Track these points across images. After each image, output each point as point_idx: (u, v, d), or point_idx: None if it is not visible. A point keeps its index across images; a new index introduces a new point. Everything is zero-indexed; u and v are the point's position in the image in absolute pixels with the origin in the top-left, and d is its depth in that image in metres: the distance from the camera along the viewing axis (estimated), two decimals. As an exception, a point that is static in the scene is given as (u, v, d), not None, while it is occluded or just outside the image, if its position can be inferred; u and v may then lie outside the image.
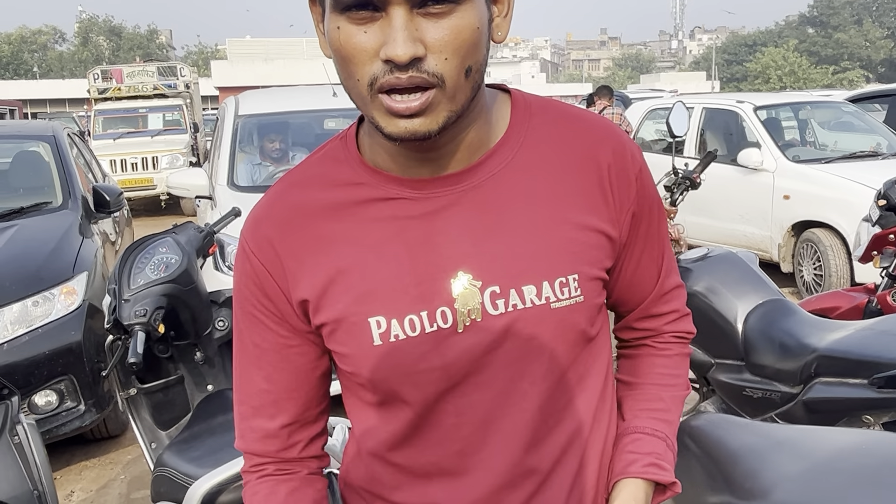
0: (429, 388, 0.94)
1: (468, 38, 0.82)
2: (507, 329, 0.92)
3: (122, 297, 2.34)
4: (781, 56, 59.36)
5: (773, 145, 6.85)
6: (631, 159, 0.99)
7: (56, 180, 4.78)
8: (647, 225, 1.02)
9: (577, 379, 0.99)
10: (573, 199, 0.95)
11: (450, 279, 0.91)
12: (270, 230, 0.96)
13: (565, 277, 0.93)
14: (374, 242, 0.93)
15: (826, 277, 6.04)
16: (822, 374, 2.44)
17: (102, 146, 12.89)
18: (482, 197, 0.93)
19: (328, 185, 0.95)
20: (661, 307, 1.10)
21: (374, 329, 0.92)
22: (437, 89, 0.82)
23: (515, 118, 0.97)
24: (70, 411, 3.65)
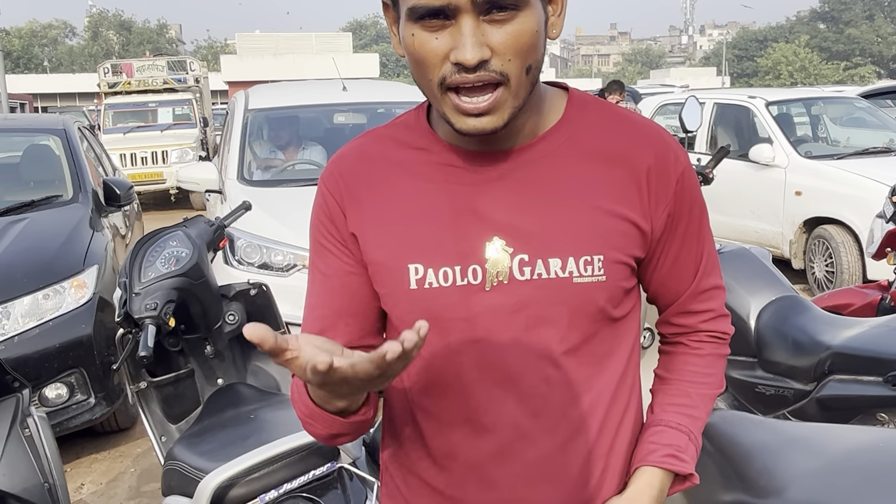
0: (453, 336, 1.03)
1: (528, 41, 0.93)
2: (530, 294, 1.00)
3: (133, 290, 2.33)
4: (792, 52, 58.99)
5: (784, 141, 6.81)
6: (674, 162, 1.05)
7: (67, 174, 4.79)
8: (686, 225, 1.08)
9: (598, 356, 1.05)
10: (609, 189, 1.03)
11: (485, 242, 1.01)
12: (343, 167, 1.09)
13: (590, 256, 1.01)
14: (425, 199, 1.04)
15: (838, 274, 6.00)
16: (835, 371, 2.42)
17: (112, 140, 12.91)
18: (525, 175, 1.02)
19: (397, 145, 1.08)
20: (698, 305, 1.14)
21: (411, 274, 1.03)
22: (503, 87, 0.93)
23: (569, 112, 1.06)
24: (80, 404, 3.66)
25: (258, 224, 3.97)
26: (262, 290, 2.66)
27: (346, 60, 25.78)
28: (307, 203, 3.99)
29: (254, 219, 3.56)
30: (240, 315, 2.61)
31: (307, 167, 5.15)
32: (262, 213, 4.08)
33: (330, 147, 5.37)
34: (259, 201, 4.26)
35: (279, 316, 2.71)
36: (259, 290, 2.65)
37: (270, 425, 2.02)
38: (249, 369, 2.69)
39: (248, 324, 0.76)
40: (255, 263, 3.98)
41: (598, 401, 1.07)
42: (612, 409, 1.09)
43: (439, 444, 1.08)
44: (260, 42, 31.47)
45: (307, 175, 4.95)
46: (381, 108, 5.73)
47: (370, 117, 5.68)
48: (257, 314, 2.67)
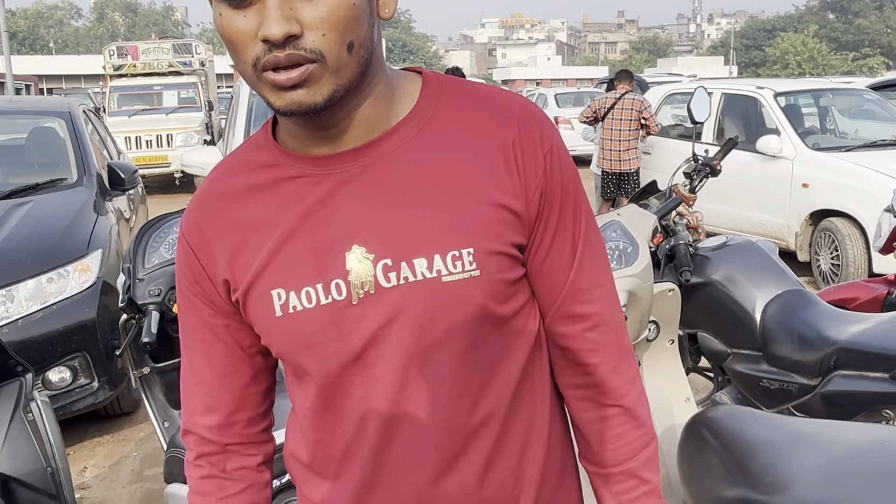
0: (330, 360, 0.96)
1: (345, 15, 0.85)
2: (400, 302, 0.93)
3: (137, 276, 2.33)
4: (801, 42, 58.68)
5: (792, 132, 6.77)
6: (539, 137, 0.96)
7: (71, 157, 4.78)
8: (559, 209, 0.98)
9: (490, 360, 0.98)
10: (475, 175, 0.94)
11: (344, 252, 0.93)
12: (198, 215, 1.02)
13: (458, 251, 0.92)
14: (278, 219, 0.96)
15: (843, 267, 5.98)
16: (841, 366, 2.41)
17: (117, 123, 12.90)
18: (379, 173, 0.94)
19: (248, 170, 1.00)
20: (578, 307, 1.02)
21: (275, 301, 0.96)
22: (317, 64, 0.85)
23: (423, 98, 0.98)
24: (83, 388, 3.66)
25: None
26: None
27: (352, 45, 25.67)
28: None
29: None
30: (243, 302, 2.60)
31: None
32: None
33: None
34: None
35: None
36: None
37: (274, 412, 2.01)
38: (253, 356, 2.69)
39: None
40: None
41: (495, 410, 0.98)
42: (515, 416, 1.00)
43: (334, 473, 1.03)
44: (266, 26, 31.40)
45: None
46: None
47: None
48: (261, 301, 2.67)
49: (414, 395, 0.95)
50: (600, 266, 1.04)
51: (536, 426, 1.03)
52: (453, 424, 0.97)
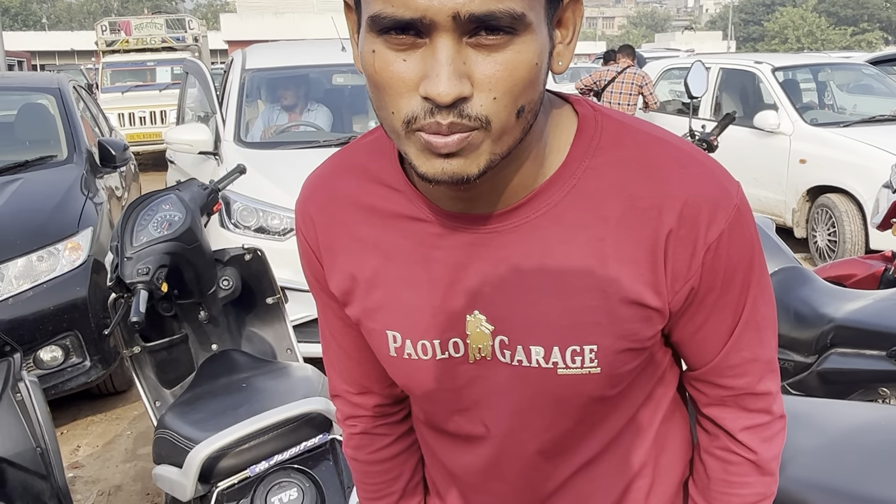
0: (439, 404, 0.95)
1: (524, 76, 0.71)
2: (512, 379, 0.89)
3: (125, 254, 2.29)
4: (800, 16, 58.32)
5: (790, 108, 6.72)
6: (706, 228, 0.82)
7: (61, 133, 4.73)
8: (717, 297, 0.87)
9: (586, 427, 0.94)
10: (613, 264, 0.83)
11: (466, 315, 0.88)
12: (314, 211, 0.96)
13: (580, 347, 0.85)
14: (400, 260, 0.90)
15: (840, 244, 5.96)
16: (838, 344, 2.40)
17: (111, 99, 12.79)
18: (511, 243, 0.85)
19: (368, 181, 0.91)
20: (723, 380, 0.93)
21: (390, 342, 0.93)
22: (479, 131, 0.72)
23: (575, 153, 0.84)
24: (75, 367, 3.64)
25: (255, 187, 3.92)
26: (257, 255, 2.62)
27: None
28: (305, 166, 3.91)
29: (250, 181, 3.50)
30: (234, 280, 2.57)
31: (305, 129, 5.08)
32: (259, 176, 4.02)
33: (330, 107, 5.29)
34: (256, 164, 4.19)
35: (274, 281, 2.67)
36: (254, 254, 2.61)
37: (263, 394, 1.99)
38: (244, 335, 2.66)
39: None
40: (251, 227, 3.93)
41: (594, 460, 0.96)
42: (613, 461, 0.97)
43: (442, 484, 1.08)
44: (260, 1, 31.05)
45: (305, 137, 4.88)
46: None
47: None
48: (252, 279, 2.63)
49: (511, 458, 0.95)
50: (762, 339, 0.93)
51: (638, 471, 0.98)
52: (549, 478, 0.97)
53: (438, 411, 0.96)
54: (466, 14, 0.67)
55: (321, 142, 4.71)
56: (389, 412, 1.09)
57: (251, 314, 2.68)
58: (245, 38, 23.36)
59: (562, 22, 0.78)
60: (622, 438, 0.96)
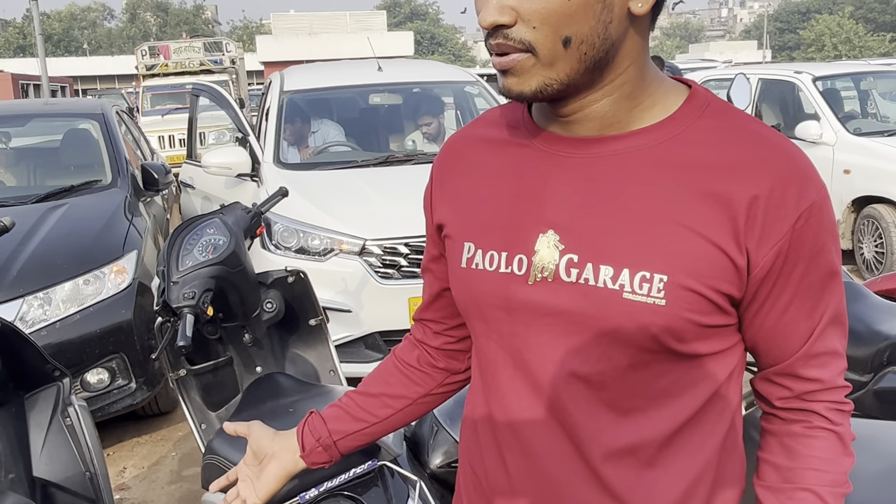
0: (493, 325, 0.98)
1: (557, 9, 0.83)
2: (573, 300, 0.90)
3: (171, 279, 2.31)
4: (836, 23, 57.50)
5: (832, 117, 6.60)
6: (797, 196, 0.87)
7: (105, 158, 4.82)
8: (803, 273, 0.89)
9: (653, 389, 0.92)
10: (702, 209, 0.87)
11: (538, 233, 0.93)
12: (443, 155, 1.10)
13: (650, 273, 0.87)
14: (496, 178, 1.00)
15: (888, 255, 5.82)
16: (894, 362, 2.33)
17: (151, 122, 13.05)
18: (601, 170, 0.92)
19: (498, 124, 1.04)
20: (808, 371, 0.94)
21: (464, 252, 1.00)
22: (527, 55, 0.85)
23: (680, 113, 0.92)
24: (121, 389, 3.68)
25: (295, 208, 3.94)
26: (300, 277, 2.63)
27: (380, 39, 25.64)
28: (344, 186, 3.95)
29: (291, 203, 3.52)
30: (277, 303, 2.58)
31: (342, 150, 5.11)
32: (299, 197, 4.05)
33: (367, 129, 5.32)
34: (296, 185, 4.23)
35: (317, 303, 2.68)
36: (297, 277, 2.62)
37: (310, 419, 1.99)
38: (288, 357, 2.67)
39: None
40: (292, 248, 3.96)
41: (646, 442, 0.93)
42: (669, 460, 0.94)
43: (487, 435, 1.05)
44: (295, 22, 31.50)
45: (343, 158, 4.91)
46: (417, 87, 5.66)
47: (406, 97, 5.61)
48: (295, 301, 2.64)
49: (561, 391, 0.93)
50: (843, 335, 0.96)
51: (696, 480, 0.96)
52: (594, 437, 0.93)
53: (491, 334, 0.99)
54: None
55: (359, 161, 4.74)
56: (450, 348, 1.21)
57: (294, 336, 2.68)
58: (281, 59, 23.68)
59: None
60: (686, 431, 0.94)
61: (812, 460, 0.95)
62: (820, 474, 0.94)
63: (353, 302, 3.82)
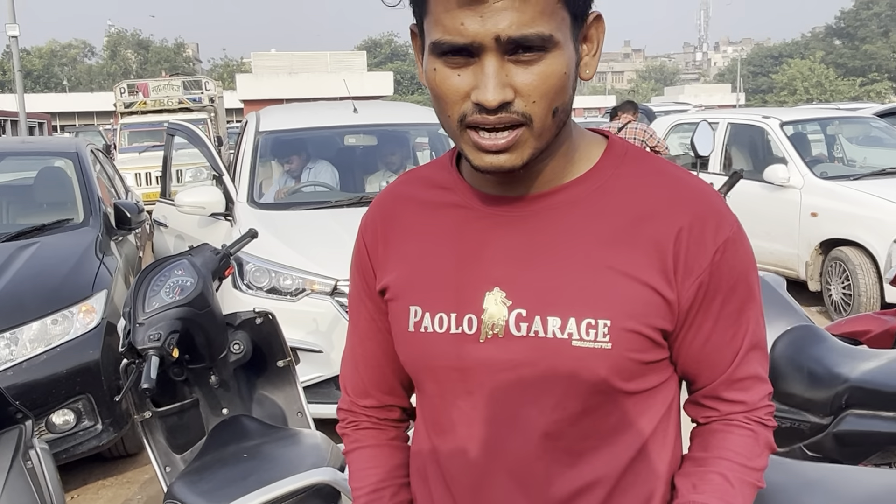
0: (446, 385, 1.00)
1: (556, 83, 0.88)
2: (525, 353, 0.94)
3: (137, 320, 2.32)
4: (808, 67, 58.82)
5: (800, 161, 6.74)
6: (714, 230, 0.95)
7: (78, 197, 4.80)
8: (722, 303, 0.97)
9: (604, 427, 0.97)
10: (632, 251, 0.94)
11: (485, 291, 0.96)
12: (377, 213, 1.10)
13: (594, 320, 0.92)
14: (436, 241, 1.02)
15: (855, 297, 5.91)
16: (853, 405, 2.36)
17: (128, 159, 13.02)
18: (538, 225, 0.97)
19: (427, 185, 1.07)
20: (731, 394, 1.01)
21: (411, 316, 1.02)
22: (525, 127, 0.89)
23: (602, 163, 0.99)
24: (87, 430, 3.63)
25: (267, 248, 3.95)
26: (268, 319, 2.64)
27: (360, 79, 25.87)
28: (317, 226, 3.97)
29: (263, 243, 3.53)
30: (245, 344, 2.58)
31: (317, 190, 5.13)
32: (272, 237, 4.06)
33: (341, 169, 5.36)
34: (269, 224, 4.24)
35: (285, 344, 2.68)
36: (265, 318, 2.63)
37: (271, 463, 1.99)
38: (255, 399, 2.66)
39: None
40: (263, 288, 3.95)
41: (603, 477, 0.97)
42: (628, 489, 0.98)
43: (439, 486, 1.05)
44: (275, 61, 31.68)
45: (317, 198, 4.93)
46: (393, 129, 5.72)
47: (381, 139, 5.67)
48: (263, 343, 2.64)
49: (517, 443, 0.97)
50: (764, 361, 1.03)
51: (654, 501, 1.01)
52: (553, 482, 0.97)
53: (445, 394, 1.01)
54: (506, 37, 0.85)
55: (333, 202, 4.76)
56: (386, 417, 1.18)
57: (262, 377, 2.68)
58: (260, 97, 23.77)
59: (587, 37, 0.94)
60: (636, 463, 0.98)
61: (725, 451, 1.01)
62: (731, 463, 1.00)
63: (324, 342, 3.81)
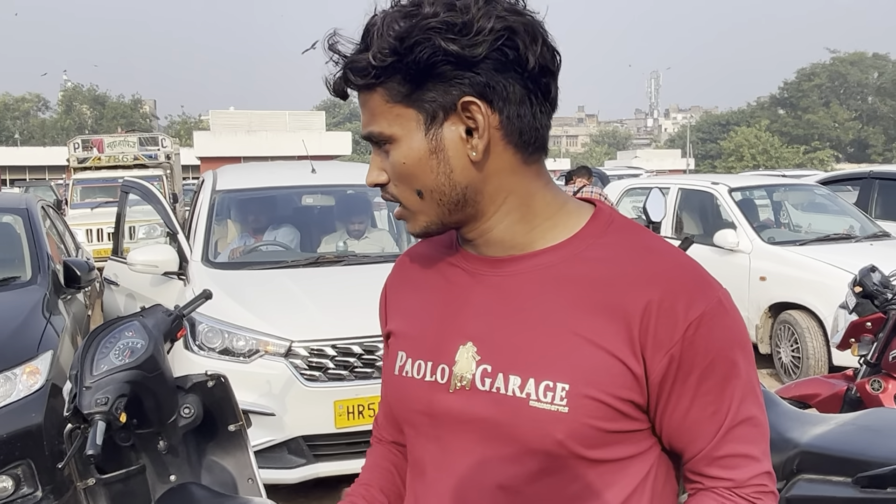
0: (420, 429, 1.07)
1: (404, 170, 1.00)
2: (486, 407, 0.98)
3: (84, 383, 2.25)
4: (754, 135, 60.87)
5: (748, 227, 6.92)
6: (686, 305, 0.94)
7: (26, 254, 4.69)
8: (699, 379, 0.95)
9: (568, 493, 0.97)
10: (599, 320, 0.96)
11: (459, 344, 1.03)
12: (397, 266, 1.22)
13: (553, 382, 0.95)
14: (430, 293, 1.11)
15: (804, 360, 6.03)
16: (804, 470, 2.39)
17: (79, 215, 12.82)
18: (514, 286, 1.02)
19: (438, 245, 1.15)
20: (713, 471, 0.99)
21: (397, 360, 1.11)
22: (401, 206, 1.04)
23: (586, 231, 1.04)
24: (26, 498, 3.47)
25: (221, 308, 3.89)
26: (221, 382, 2.58)
27: (319, 138, 26.04)
28: (272, 286, 3.93)
29: (217, 303, 3.49)
30: (196, 408, 2.52)
31: (273, 249, 5.10)
32: (226, 297, 4.00)
33: (299, 229, 5.34)
34: (223, 284, 4.19)
35: (237, 408, 2.62)
36: (217, 381, 2.58)
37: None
38: (204, 464, 2.59)
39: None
40: (216, 349, 3.88)
41: None
42: None
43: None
44: (233, 119, 31.76)
45: (273, 258, 4.90)
46: (351, 189, 5.74)
47: (339, 199, 5.69)
48: (214, 406, 2.59)
49: (475, 492, 1.01)
50: (756, 438, 0.99)
51: None
52: None
53: (419, 437, 1.08)
54: (366, 134, 1.02)
55: (289, 262, 4.74)
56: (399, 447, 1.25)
57: (212, 442, 2.61)
58: (218, 154, 23.76)
59: (464, 122, 0.97)
60: None
61: None
62: None
63: (277, 405, 3.74)
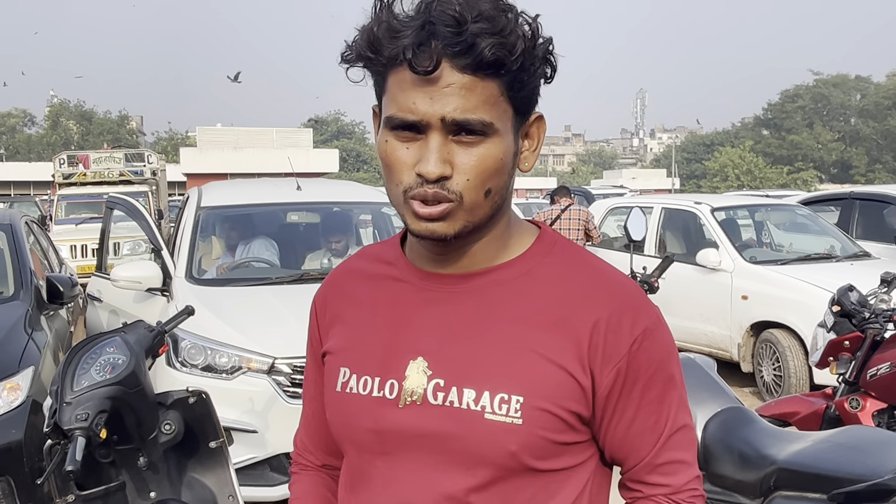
0: (363, 447, 1.05)
1: (491, 166, 0.97)
2: (439, 421, 0.99)
3: (64, 399, 2.25)
4: (738, 155, 61.41)
5: (730, 246, 6.99)
6: (631, 322, 1.01)
7: (9, 270, 4.67)
8: (642, 391, 1.02)
9: (518, 500, 1.00)
10: (551, 335, 1.00)
11: (409, 360, 1.02)
12: (328, 284, 1.19)
13: (508, 395, 0.97)
14: (373, 310, 1.09)
15: (785, 378, 6.07)
16: (781, 486, 2.41)
17: (64, 231, 12.75)
18: (466, 302, 1.03)
19: (374, 260, 1.15)
20: (653, 478, 1.05)
21: (339, 377, 1.08)
22: (455, 203, 0.97)
23: (533, 250, 1.06)
24: (4, 515, 3.45)
25: (204, 325, 3.88)
26: (202, 398, 2.58)
27: (306, 155, 26.01)
28: (256, 303, 3.94)
29: (200, 319, 3.48)
30: (177, 425, 2.52)
31: (257, 266, 5.11)
32: (209, 314, 4.00)
33: (283, 246, 5.35)
34: (207, 300, 4.18)
35: (218, 425, 2.62)
36: (198, 398, 2.58)
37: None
38: (185, 481, 2.59)
39: None
40: (198, 365, 3.87)
41: None
42: None
43: None
44: (220, 136, 31.66)
45: (257, 274, 4.90)
46: (336, 207, 5.76)
47: (324, 217, 5.70)
48: (196, 423, 2.58)
49: (426, 498, 1.00)
50: (688, 445, 1.07)
51: None
52: None
53: (363, 453, 1.06)
54: (451, 119, 0.95)
55: (273, 279, 4.74)
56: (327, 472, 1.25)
57: (193, 459, 2.61)
58: (204, 171, 23.67)
59: (528, 134, 1.03)
60: None
61: None
62: None
63: (259, 422, 3.73)
